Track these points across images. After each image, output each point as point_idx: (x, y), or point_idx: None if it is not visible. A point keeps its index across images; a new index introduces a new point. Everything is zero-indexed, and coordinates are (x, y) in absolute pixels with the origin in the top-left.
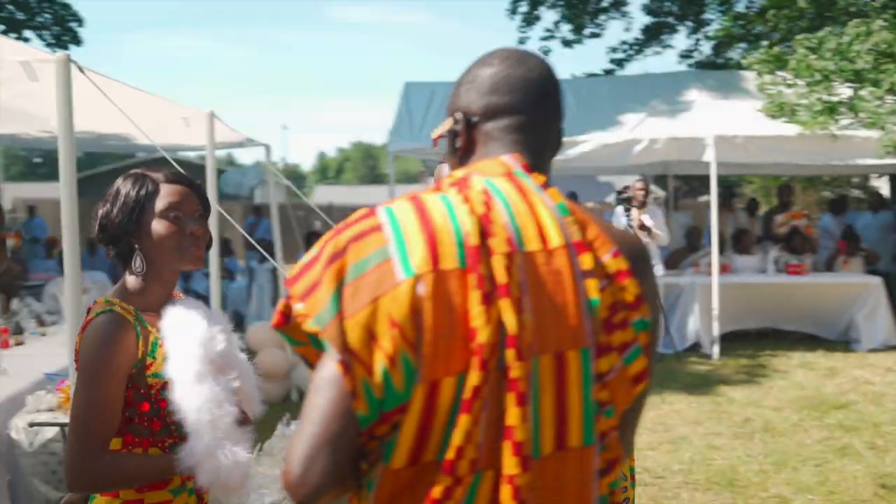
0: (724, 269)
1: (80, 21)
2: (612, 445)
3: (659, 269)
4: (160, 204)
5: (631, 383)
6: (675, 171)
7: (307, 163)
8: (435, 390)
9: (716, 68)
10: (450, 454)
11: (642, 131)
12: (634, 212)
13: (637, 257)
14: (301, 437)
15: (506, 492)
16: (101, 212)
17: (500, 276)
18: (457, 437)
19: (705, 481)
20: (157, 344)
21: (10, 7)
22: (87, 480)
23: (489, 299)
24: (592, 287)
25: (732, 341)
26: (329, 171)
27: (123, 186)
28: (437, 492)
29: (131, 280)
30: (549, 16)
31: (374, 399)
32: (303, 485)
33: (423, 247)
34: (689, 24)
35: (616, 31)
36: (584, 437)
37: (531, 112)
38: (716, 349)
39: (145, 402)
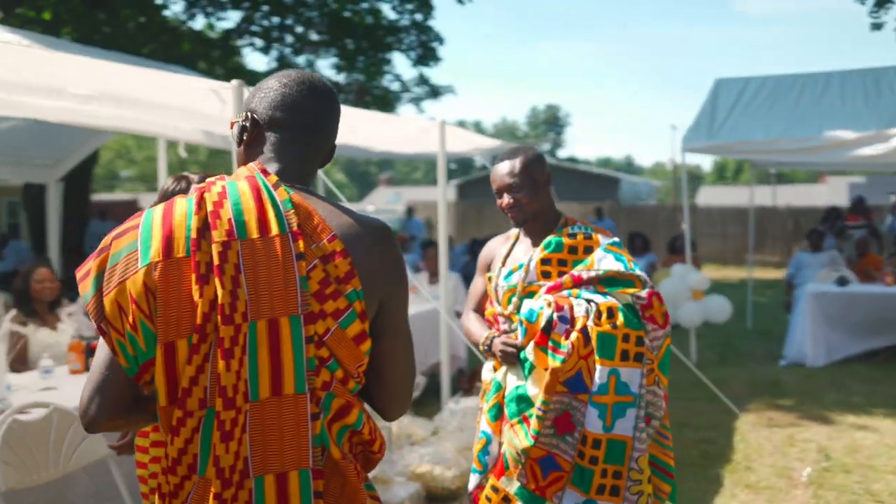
0: None
1: (440, 40)
2: (338, 393)
3: None
4: None
5: (353, 343)
6: None
7: (706, 163)
8: (171, 349)
9: None
10: (180, 394)
11: None
12: None
13: (354, 239)
14: (86, 381)
15: (217, 423)
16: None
17: (215, 260)
18: (183, 381)
19: None
20: None
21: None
22: None
23: (204, 279)
24: (302, 266)
25: None
26: (727, 171)
27: (167, 183)
28: (174, 420)
29: None
30: None
31: (129, 355)
32: (84, 416)
33: (160, 241)
34: None
35: None
36: (296, 387)
37: (296, 129)
38: None
39: None
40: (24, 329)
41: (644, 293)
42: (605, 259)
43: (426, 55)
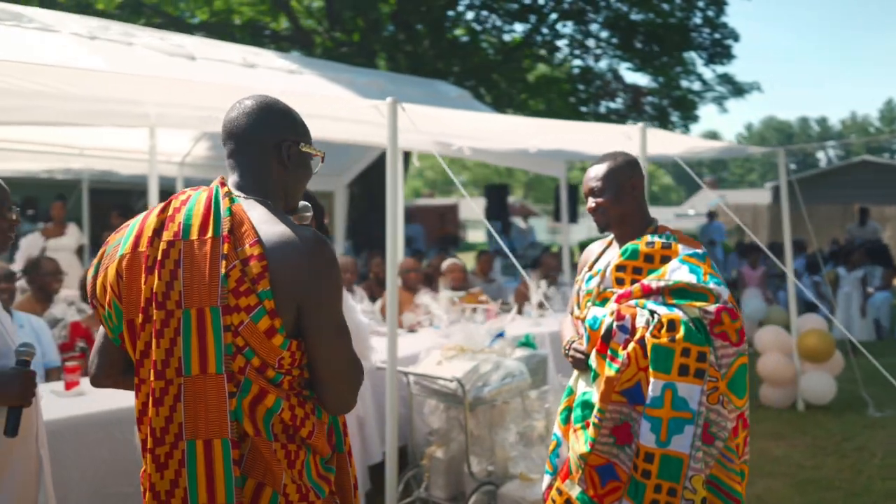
0: None
1: (735, 37)
2: (253, 379)
3: None
4: None
5: (264, 335)
6: None
7: None
8: (131, 325)
9: None
10: (135, 363)
11: None
12: None
13: (276, 246)
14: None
15: (149, 391)
16: None
17: (158, 256)
18: (136, 353)
19: None
20: None
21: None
22: None
23: (150, 270)
24: (224, 266)
25: None
26: None
27: None
28: (136, 384)
29: None
30: None
31: (111, 327)
32: (89, 375)
33: (132, 238)
34: None
35: None
36: (216, 368)
37: (235, 143)
38: None
39: None
40: None
41: (712, 308)
42: (678, 270)
43: (719, 53)
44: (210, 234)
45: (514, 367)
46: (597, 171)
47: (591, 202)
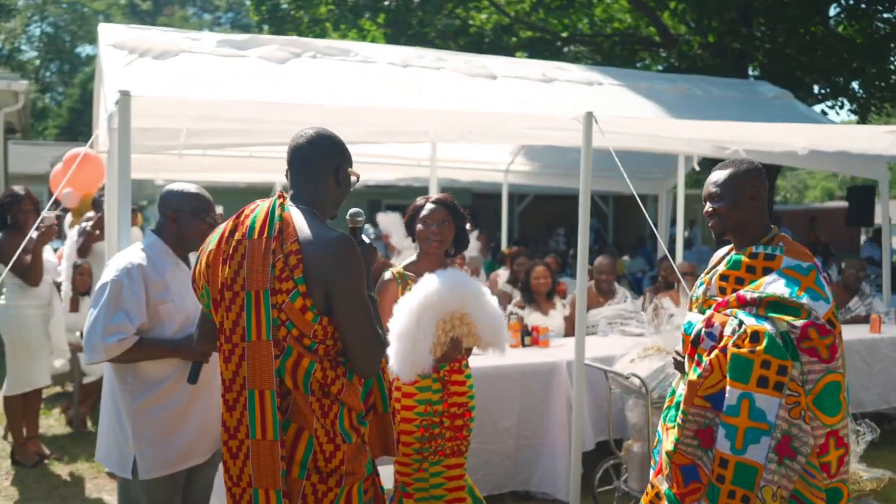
0: None
1: None
2: (293, 346)
3: None
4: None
5: (299, 312)
6: None
7: None
8: (216, 302)
9: None
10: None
11: None
12: None
13: (311, 244)
14: None
15: (221, 350)
16: None
17: (230, 250)
18: (217, 325)
19: None
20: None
21: None
22: None
23: (224, 262)
24: (272, 259)
25: None
26: None
27: None
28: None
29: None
30: None
31: (205, 304)
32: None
33: (218, 237)
34: None
35: None
36: (267, 335)
37: (296, 167)
38: None
39: None
40: (521, 312)
41: (799, 323)
42: (774, 283)
43: None
44: (265, 234)
45: None
46: (717, 177)
47: (709, 207)
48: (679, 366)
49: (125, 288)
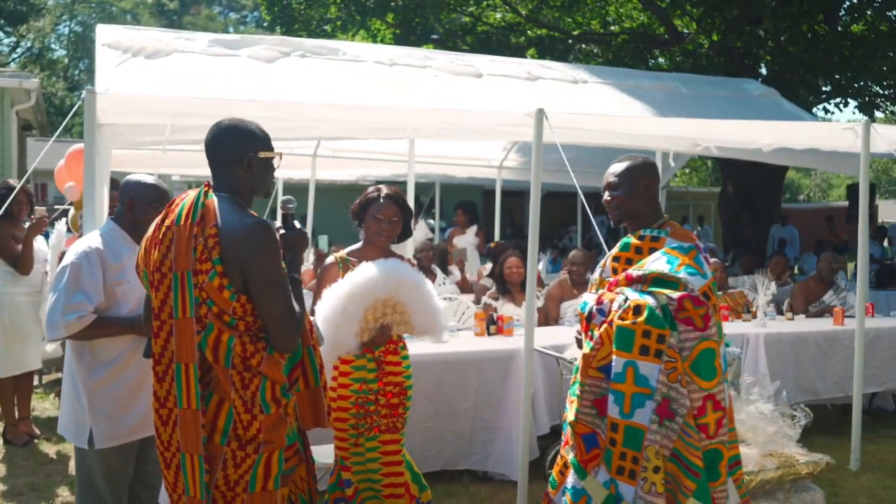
0: None
1: None
2: (214, 322)
3: None
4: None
5: (217, 290)
6: None
7: None
8: (151, 283)
9: None
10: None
11: None
12: None
13: (228, 228)
14: None
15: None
16: None
17: (160, 235)
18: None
19: None
20: None
21: None
22: None
23: (155, 246)
24: (194, 242)
25: None
26: None
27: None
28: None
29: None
30: None
31: (146, 285)
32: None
33: (154, 225)
34: None
35: None
36: (190, 313)
37: (210, 160)
38: None
39: None
40: (495, 302)
41: (676, 295)
42: (656, 261)
43: None
44: (189, 220)
45: None
46: (616, 169)
47: (607, 195)
48: (579, 343)
49: (84, 270)
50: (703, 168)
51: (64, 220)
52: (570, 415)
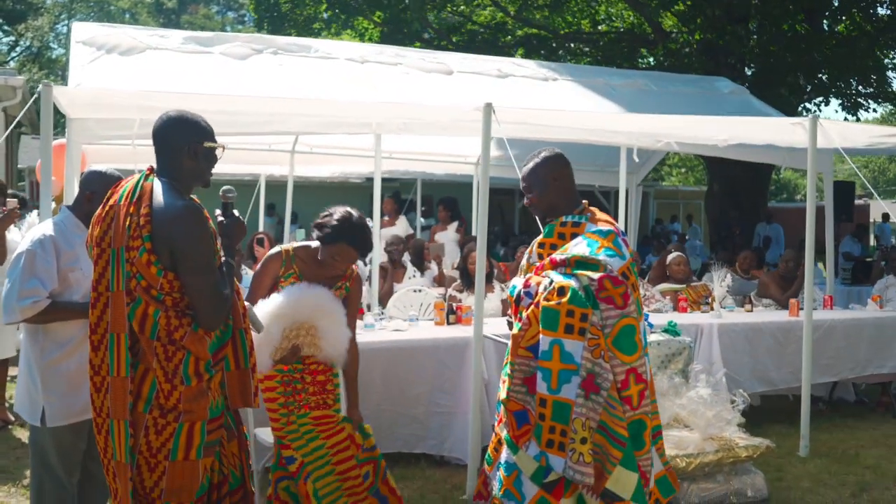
0: None
1: None
2: (142, 296)
3: None
4: None
5: (145, 265)
6: None
7: None
8: (94, 259)
9: None
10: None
11: None
12: None
13: (159, 210)
14: None
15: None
16: None
17: (103, 213)
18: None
19: None
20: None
21: None
22: None
23: (97, 224)
24: (129, 221)
25: None
26: None
27: None
28: None
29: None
30: None
31: (92, 260)
32: None
33: (101, 206)
34: None
35: None
36: (121, 286)
37: (156, 146)
38: None
39: None
40: (460, 295)
41: (597, 276)
42: (578, 245)
43: None
44: (128, 200)
45: None
46: (524, 171)
47: (525, 199)
48: (510, 325)
49: (38, 257)
50: (698, 167)
51: (35, 211)
52: (502, 393)
